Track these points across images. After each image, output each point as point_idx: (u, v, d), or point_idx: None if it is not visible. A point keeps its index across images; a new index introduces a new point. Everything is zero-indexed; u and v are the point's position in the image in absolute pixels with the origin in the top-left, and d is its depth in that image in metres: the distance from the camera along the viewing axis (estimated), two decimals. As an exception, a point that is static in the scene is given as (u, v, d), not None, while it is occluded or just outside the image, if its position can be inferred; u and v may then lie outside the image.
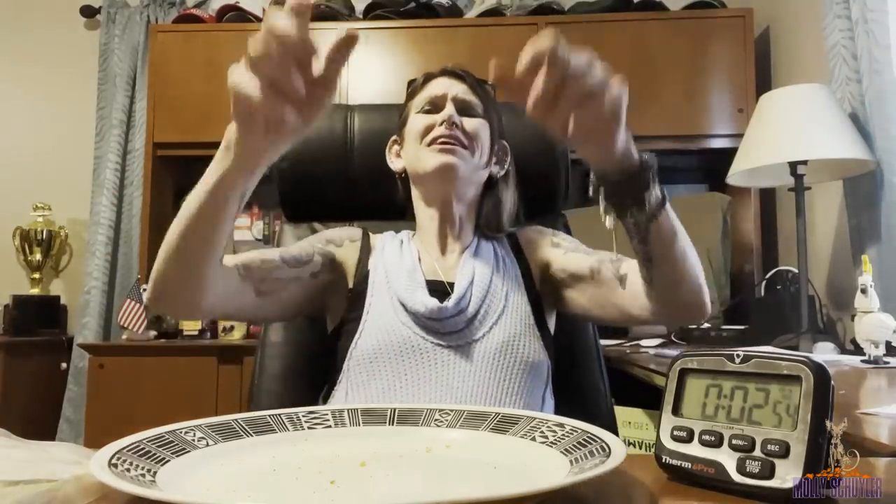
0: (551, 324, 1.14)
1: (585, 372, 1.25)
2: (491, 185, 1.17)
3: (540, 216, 1.27)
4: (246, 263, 0.98)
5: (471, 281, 1.05)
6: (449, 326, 1.00)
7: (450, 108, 1.08)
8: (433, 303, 1.00)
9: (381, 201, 1.26)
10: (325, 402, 1.06)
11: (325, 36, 0.58)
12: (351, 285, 1.09)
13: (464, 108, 1.10)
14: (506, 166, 1.19)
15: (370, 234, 1.17)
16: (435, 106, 1.10)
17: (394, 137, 1.20)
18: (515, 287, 1.08)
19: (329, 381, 1.08)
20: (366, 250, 1.12)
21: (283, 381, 1.24)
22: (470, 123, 1.09)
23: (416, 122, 1.10)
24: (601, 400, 1.24)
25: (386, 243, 1.13)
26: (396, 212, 1.22)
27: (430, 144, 1.07)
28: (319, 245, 1.10)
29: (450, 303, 1.00)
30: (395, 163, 1.19)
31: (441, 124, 1.06)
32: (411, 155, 1.11)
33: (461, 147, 1.06)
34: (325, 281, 1.08)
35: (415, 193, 1.16)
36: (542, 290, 1.12)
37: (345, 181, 1.33)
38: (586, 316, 1.10)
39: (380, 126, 1.28)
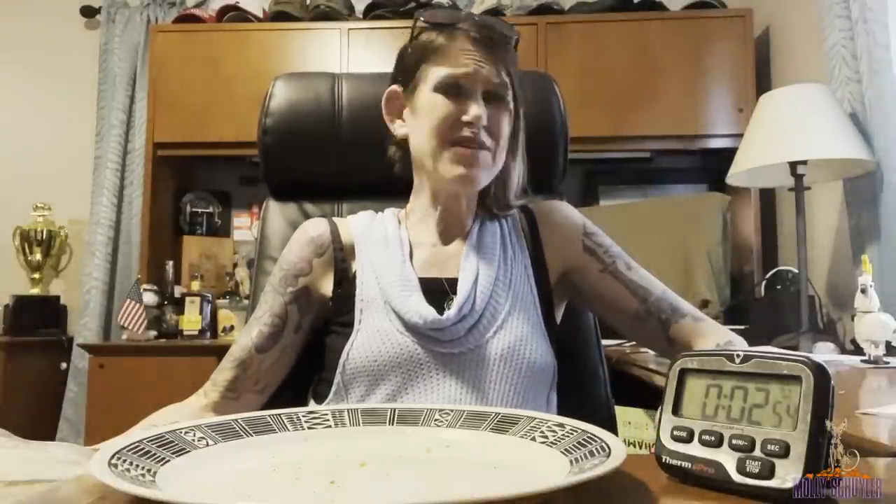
0: (559, 314, 1.06)
1: (585, 358, 1.20)
2: None
3: (536, 196, 1.14)
4: (230, 385, 0.97)
5: (474, 280, 0.95)
6: (449, 335, 0.92)
7: (479, 108, 0.92)
8: (430, 313, 0.91)
9: (374, 177, 1.14)
10: (315, 397, 1.02)
11: (326, 36, 0.58)
12: (332, 293, 1.01)
13: (492, 94, 0.95)
14: (516, 134, 1.03)
15: (338, 223, 1.05)
16: (459, 89, 0.94)
17: (394, 90, 1.03)
18: (523, 279, 1.00)
19: (316, 371, 1.03)
20: (340, 250, 1.02)
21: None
22: (496, 116, 0.95)
23: (435, 106, 0.94)
24: (600, 387, 1.19)
25: (366, 233, 1.03)
26: (391, 189, 1.09)
27: (451, 145, 0.94)
28: (290, 289, 1.00)
29: (451, 312, 0.92)
30: (395, 125, 1.03)
31: (467, 123, 0.92)
32: (423, 143, 0.97)
33: (485, 150, 0.94)
34: (311, 319, 1.01)
35: (418, 176, 1.04)
36: (557, 286, 1.03)
37: (333, 156, 1.25)
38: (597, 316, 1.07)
39: (371, 96, 1.11)
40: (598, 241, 1.03)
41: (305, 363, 1.04)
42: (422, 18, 0.99)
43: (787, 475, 0.44)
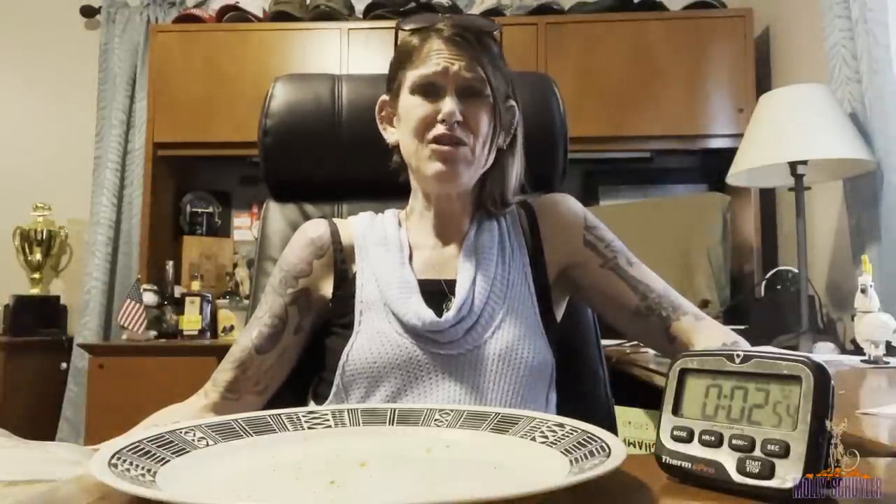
0: (559, 312, 1.06)
1: (585, 357, 1.19)
2: (495, 156, 1.02)
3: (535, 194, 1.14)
4: (230, 385, 0.97)
5: (472, 281, 0.96)
6: (448, 336, 0.93)
7: (450, 104, 0.93)
8: (429, 315, 0.92)
9: (374, 178, 1.13)
10: (315, 398, 1.02)
11: (326, 36, 0.58)
12: (332, 294, 1.01)
13: (466, 90, 0.95)
14: (512, 131, 1.03)
15: (338, 224, 1.05)
16: (433, 88, 0.95)
17: (384, 99, 1.05)
18: (521, 278, 1.00)
19: (317, 371, 1.03)
20: (340, 251, 1.02)
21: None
22: (472, 111, 0.94)
23: (412, 107, 0.96)
24: (599, 386, 1.19)
25: (366, 235, 1.03)
26: (391, 190, 1.09)
27: (428, 143, 0.95)
28: (290, 290, 1.00)
29: (449, 314, 0.92)
30: (388, 133, 1.05)
31: (441, 121, 0.93)
32: (407, 145, 0.98)
33: (462, 146, 0.94)
34: (311, 320, 1.02)
35: (411, 178, 1.04)
36: (557, 282, 1.03)
37: (333, 157, 1.25)
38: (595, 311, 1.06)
39: (371, 97, 1.12)
40: (599, 236, 1.03)
41: (306, 364, 1.04)
42: (401, 26, 1.01)
43: (787, 475, 0.44)
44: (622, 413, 1.82)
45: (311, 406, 0.98)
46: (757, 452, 0.46)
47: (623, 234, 1.07)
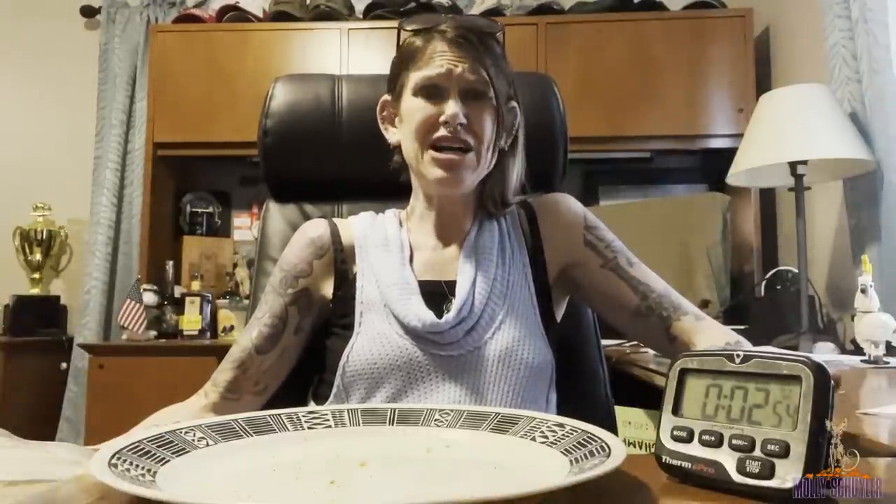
0: (559, 312, 1.06)
1: (584, 357, 1.19)
2: (497, 156, 1.01)
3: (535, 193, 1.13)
4: (230, 386, 0.97)
5: (472, 282, 0.96)
6: (448, 338, 0.93)
7: (454, 106, 0.92)
8: (429, 317, 0.92)
9: (374, 178, 1.13)
10: (315, 399, 1.02)
11: (326, 36, 0.58)
12: (333, 294, 1.01)
13: (469, 92, 0.95)
14: (513, 132, 1.03)
15: (339, 224, 1.05)
16: (436, 90, 0.94)
17: (385, 99, 1.05)
18: (521, 279, 1.00)
19: (317, 372, 1.03)
20: (340, 251, 1.02)
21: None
22: (476, 114, 0.94)
23: (415, 109, 0.96)
24: (599, 386, 1.19)
25: (367, 236, 1.03)
26: (391, 190, 1.09)
27: (431, 147, 0.94)
28: (290, 291, 1.00)
29: (450, 315, 0.92)
30: (389, 133, 1.05)
31: (444, 123, 0.93)
32: (409, 149, 0.98)
33: (466, 150, 0.94)
34: (311, 320, 1.02)
35: (413, 179, 1.04)
36: (557, 282, 1.03)
37: (333, 157, 1.26)
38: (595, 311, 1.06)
39: (371, 97, 1.11)
40: (599, 236, 1.03)
41: (306, 364, 1.04)
42: (404, 26, 1.00)
43: (787, 475, 0.44)
44: (622, 413, 1.82)
45: (311, 406, 0.98)
46: (757, 452, 0.46)
47: (623, 234, 1.07)
